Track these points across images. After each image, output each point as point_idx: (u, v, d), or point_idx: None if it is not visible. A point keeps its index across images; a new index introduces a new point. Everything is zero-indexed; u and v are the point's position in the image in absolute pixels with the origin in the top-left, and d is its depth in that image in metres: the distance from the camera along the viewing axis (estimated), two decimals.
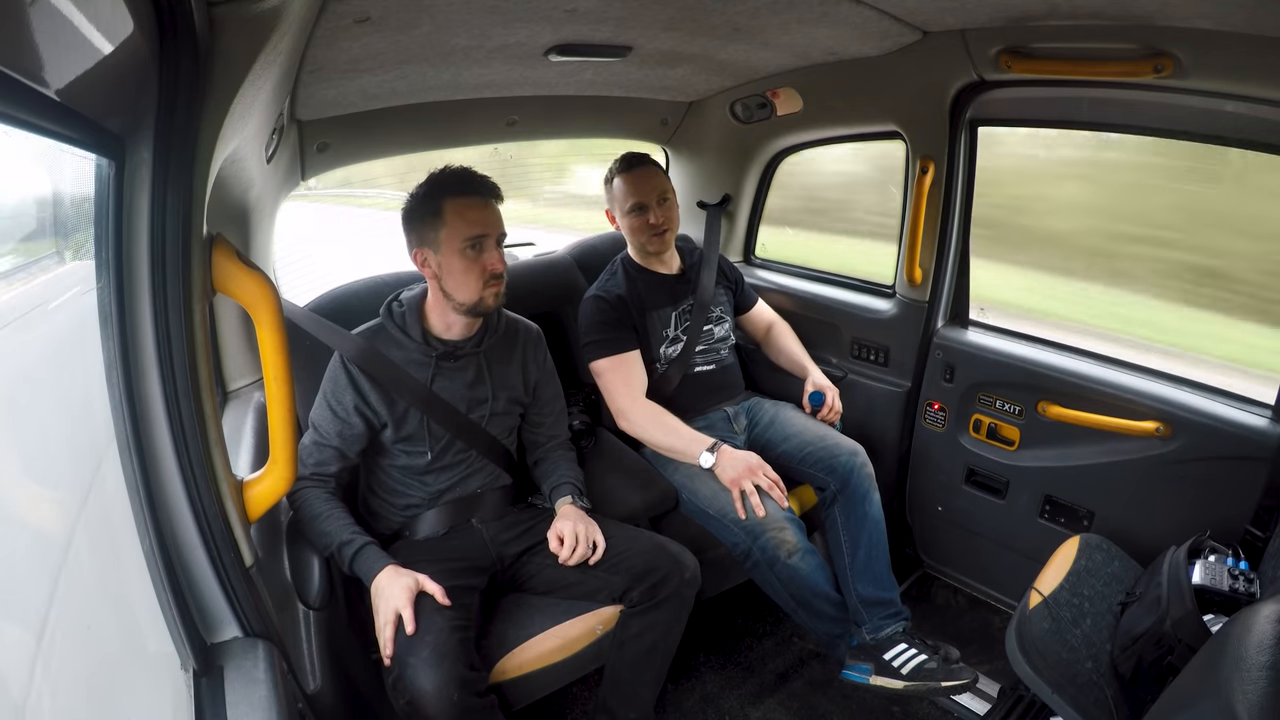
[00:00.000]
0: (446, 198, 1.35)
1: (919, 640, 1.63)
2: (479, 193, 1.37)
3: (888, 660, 1.61)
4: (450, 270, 1.36)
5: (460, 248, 1.34)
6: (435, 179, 1.38)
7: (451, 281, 1.37)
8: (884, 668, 1.60)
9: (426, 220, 1.36)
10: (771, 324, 2.13)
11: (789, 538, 1.61)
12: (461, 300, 1.39)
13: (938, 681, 1.56)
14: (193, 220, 0.82)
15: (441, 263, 1.36)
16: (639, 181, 1.83)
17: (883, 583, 1.69)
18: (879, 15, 1.45)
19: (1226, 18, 1.23)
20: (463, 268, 1.35)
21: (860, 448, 1.79)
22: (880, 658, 1.61)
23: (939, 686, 1.56)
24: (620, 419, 1.80)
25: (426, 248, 1.37)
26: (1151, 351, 1.79)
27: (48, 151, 0.70)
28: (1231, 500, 1.48)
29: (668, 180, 1.89)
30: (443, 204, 1.35)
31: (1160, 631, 1.20)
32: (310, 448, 1.37)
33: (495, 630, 1.40)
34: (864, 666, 1.63)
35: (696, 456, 1.70)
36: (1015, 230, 2.19)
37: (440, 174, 1.39)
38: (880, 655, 1.62)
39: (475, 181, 1.38)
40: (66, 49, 0.57)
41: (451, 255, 1.35)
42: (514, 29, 1.33)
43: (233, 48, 0.80)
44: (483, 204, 1.37)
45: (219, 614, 0.92)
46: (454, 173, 1.39)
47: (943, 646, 1.63)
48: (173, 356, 0.83)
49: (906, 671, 1.58)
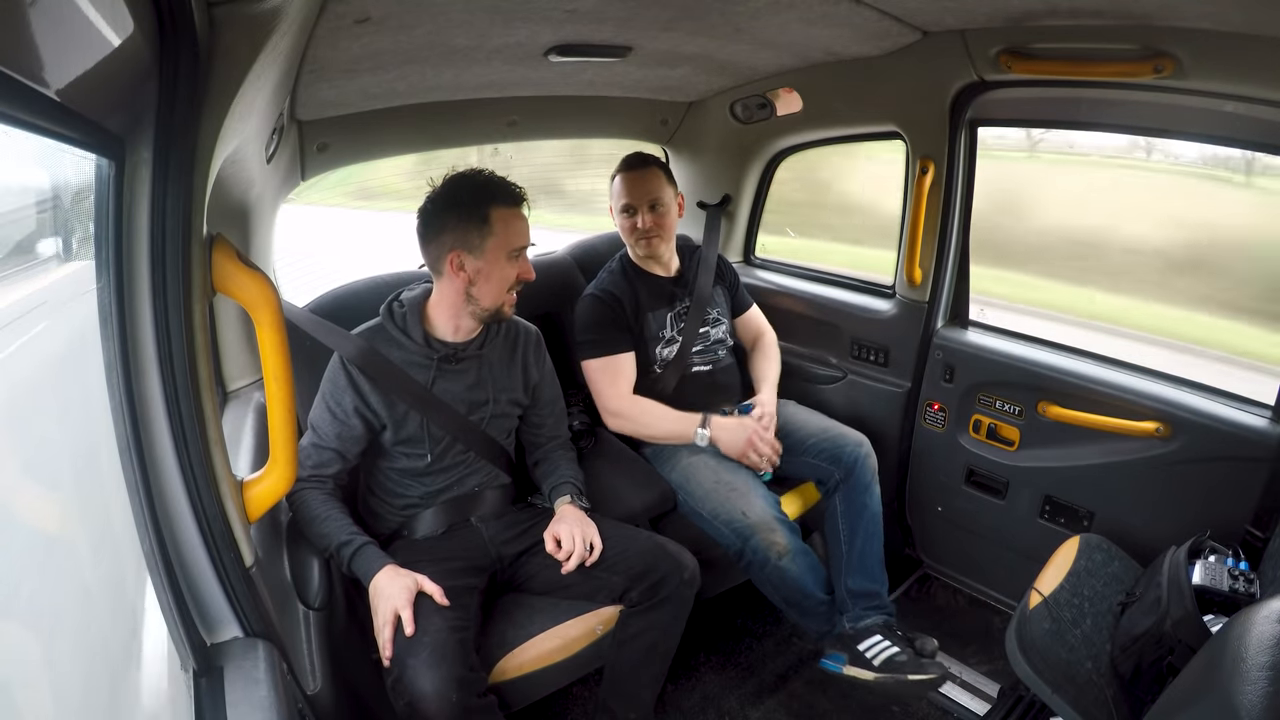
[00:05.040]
0: (495, 205, 1.36)
1: (897, 634, 1.64)
2: (520, 203, 1.40)
3: (861, 651, 1.62)
4: (489, 276, 1.38)
5: (506, 256, 1.37)
6: (479, 184, 1.38)
7: (484, 286, 1.39)
8: (857, 658, 1.62)
9: (471, 225, 1.36)
10: (760, 335, 2.07)
11: (779, 539, 1.61)
12: (487, 305, 1.41)
13: (905, 675, 1.56)
14: (193, 220, 0.82)
15: (481, 268, 1.37)
16: (634, 184, 1.84)
17: (873, 575, 1.71)
18: (879, 15, 1.45)
19: (1226, 18, 1.23)
20: (502, 275, 1.38)
21: (865, 439, 1.80)
22: (854, 648, 1.63)
23: (906, 680, 1.56)
24: (610, 419, 1.81)
25: (466, 252, 1.37)
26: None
27: (48, 151, 0.70)
28: (1231, 500, 1.48)
29: (668, 187, 1.87)
30: (490, 211, 1.36)
31: (1160, 632, 1.20)
32: (309, 449, 1.37)
33: (495, 630, 1.40)
34: (839, 656, 1.65)
35: (692, 436, 1.73)
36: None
37: (480, 179, 1.38)
38: (855, 645, 1.63)
39: (517, 192, 1.40)
40: (66, 49, 0.57)
41: (495, 263, 1.37)
42: (514, 29, 1.33)
43: (233, 47, 0.80)
44: (522, 214, 1.40)
45: (219, 614, 0.92)
46: (496, 180, 1.39)
47: (920, 639, 1.64)
48: (173, 356, 0.83)
49: (878, 663, 1.59)
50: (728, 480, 1.70)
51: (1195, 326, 2.80)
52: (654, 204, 1.84)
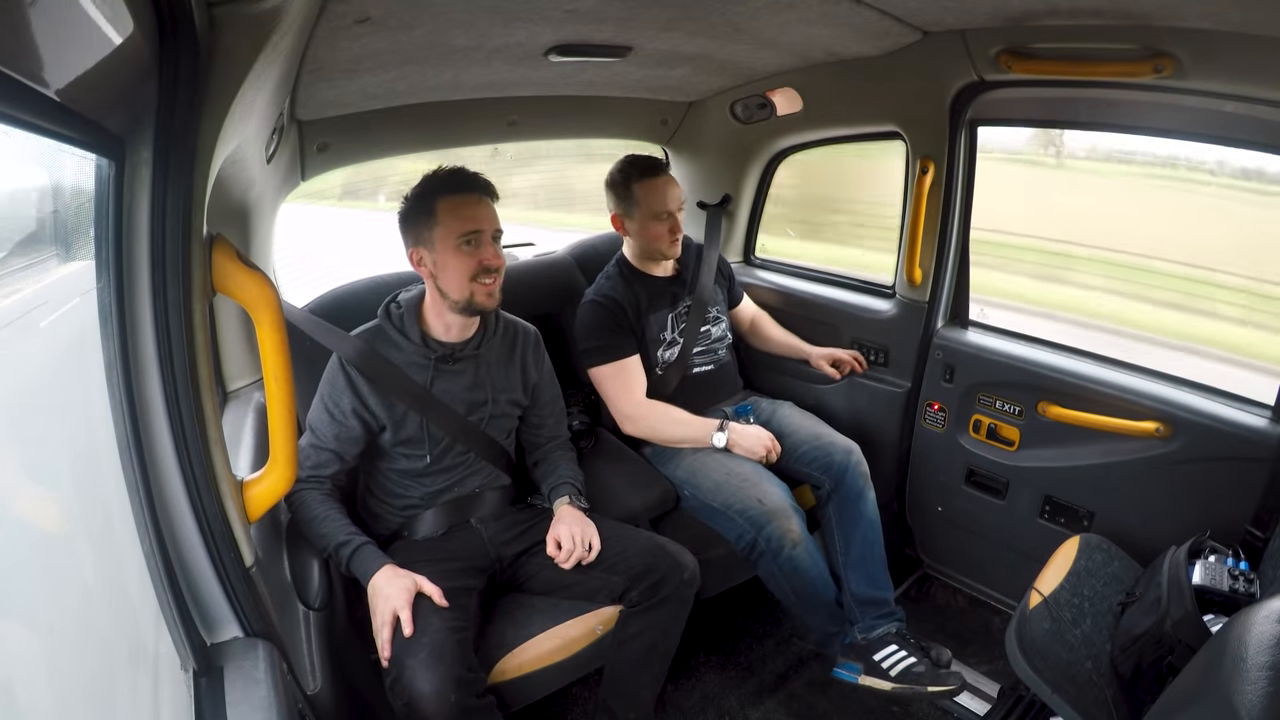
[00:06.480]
0: (439, 196, 1.36)
1: (910, 642, 1.64)
2: (471, 190, 1.38)
3: (877, 661, 1.61)
4: (444, 267, 1.37)
5: (454, 244, 1.35)
6: (428, 179, 1.39)
7: (446, 279, 1.38)
8: (873, 668, 1.61)
9: (421, 220, 1.37)
10: (755, 316, 2.18)
11: (793, 528, 1.62)
12: (455, 298, 1.39)
13: (924, 686, 1.57)
14: (193, 220, 0.82)
15: (436, 260, 1.37)
16: (664, 189, 1.83)
17: (877, 582, 1.70)
18: (879, 15, 1.45)
19: (1226, 18, 1.23)
20: (456, 264, 1.36)
21: (855, 446, 1.79)
22: (870, 658, 1.62)
23: (925, 691, 1.57)
24: (625, 424, 1.81)
25: (422, 247, 1.38)
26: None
27: (48, 151, 0.70)
28: (1231, 500, 1.48)
29: (680, 187, 1.90)
30: (436, 203, 1.36)
31: (1160, 632, 1.20)
32: (307, 450, 1.37)
33: (495, 631, 1.39)
34: (854, 665, 1.64)
35: (709, 439, 1.74)
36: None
37: (433, 174, 1.40)
38: (870, 655, 1.63)
39: (468, 179, 1.39)
40: (66, 49, 0.57)
41: (445, 252, 1.36)
42: (514, 29, 1.33)
43: (233, 47, 0.80)
44: (475, 201, 1.38)
45: (219, 614, 0.92)
46: (446, 172, 1.40)
47: (935, 648, 1.63)
48: (173, 356, 0.83)
49: (895, 674, 1.59)
50: (739, 471, 1.70)
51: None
52: (681, 205, 1.86)
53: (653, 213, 1.82)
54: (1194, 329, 2.83)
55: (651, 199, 1.82)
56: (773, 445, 1.75)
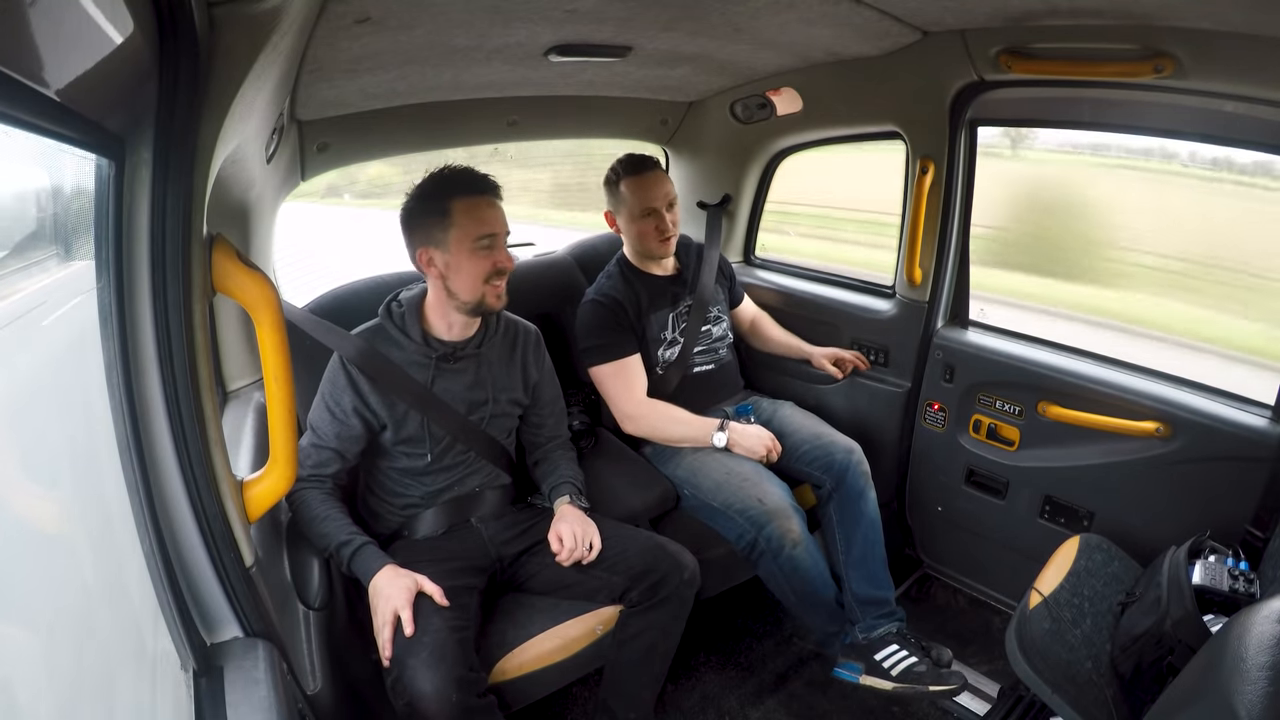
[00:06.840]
0: (454, 197, 1.35)
1: (911, 641, 1.64)
2: (485, 191, 1.38)
3: (878, 661, 1.62)
4: (458, 269, 1.37)
5: (471, 247, 1.35)
6: (439, 178, 1.38)
7: (458, 280, 1.37)
8: (874, 668, 1.62)
9: (433, 220, 1.36)
10: (755, 316, 2.18)
11: (794, 527, 1.62)
12: (466, 299, 1.39)
13: (925, 685, 1.57)
14: (193, 220, 0.82)
15: (450, 261, 1.36)
16: (651, 186, 1.82)
17: (878, 581, 1.70)
18: (879, 15, 1.45)
19: (1226, 18, 1.23)
20: (471, 266, 1.36)
21: (856, 445, 1.79)
22: (871, 658, 1.62)
23: (926, 691, 1.57)
24: (626, 423, 1.81)
25: (433, 247, 1.37)
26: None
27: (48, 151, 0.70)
28: (1231, 500, 1.48)
29: (672, 184, 1.89)
30: (450, 203, 1.35)
31: (1160, 632, 1.20)
32: (308, 449, 1.37)
33: (495, 630, 1.40)
34: (855, 665, 1.64)
35: (710, 438, 1.74)
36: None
37: (443, 173, 1.39)
38: (871, 655, 1.63)
39: (480, 181, 1.38)
40: (66, 49, 0.57)
41: (461, 254, 1.35)
42: (514, 29, 1.33)
43: (233, 48, 0.80)
44: (489, 203, 1.38)
45: (219, 614, 0.92)
46: (458, 172, 1.39)
47: (935, 648, 1.64)
48: (173, 356, 0.83)
49: (896, 673, 1.59)
50: (739, 471, 1.70)
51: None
52: (671, 203, 1.85)
53: (639, 209, 1.82)
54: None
55: (637, 196, 1.82)
56: (773, 445, 1.75)
